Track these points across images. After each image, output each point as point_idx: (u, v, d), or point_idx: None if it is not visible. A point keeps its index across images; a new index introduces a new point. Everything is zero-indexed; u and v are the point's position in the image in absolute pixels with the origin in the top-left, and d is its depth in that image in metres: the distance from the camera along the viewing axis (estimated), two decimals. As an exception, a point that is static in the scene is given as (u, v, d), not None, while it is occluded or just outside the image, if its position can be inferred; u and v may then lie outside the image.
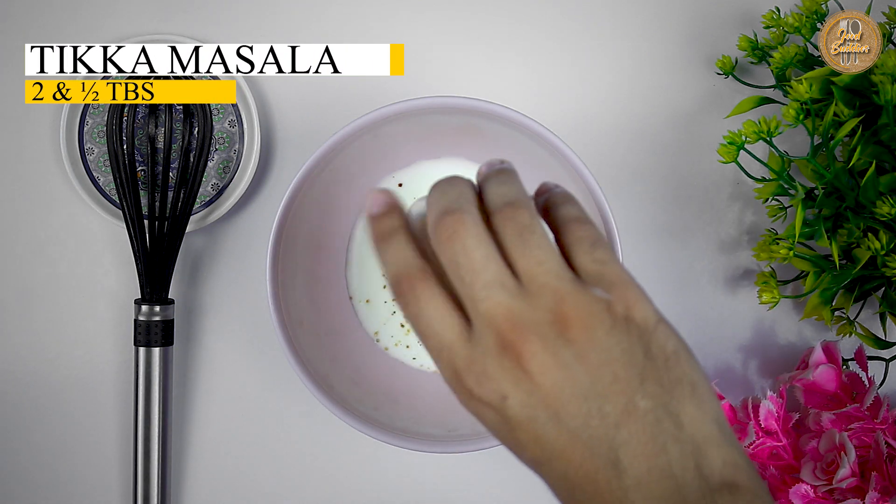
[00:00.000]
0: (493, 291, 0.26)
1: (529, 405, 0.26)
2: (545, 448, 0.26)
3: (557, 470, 0.27)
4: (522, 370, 0.26)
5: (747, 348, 0.54)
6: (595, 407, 0.26)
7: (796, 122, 0.45)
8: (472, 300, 0.27)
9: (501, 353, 0.26)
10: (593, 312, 0.26)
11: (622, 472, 0.25)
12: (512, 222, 0.28)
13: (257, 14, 0.54)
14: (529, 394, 0.26)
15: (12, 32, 0.53)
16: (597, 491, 0.26)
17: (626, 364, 0.26)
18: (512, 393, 0.26)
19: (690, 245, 0.54)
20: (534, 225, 0.27)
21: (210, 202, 0.52)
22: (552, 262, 0.27)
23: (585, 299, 0.26)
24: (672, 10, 0.54)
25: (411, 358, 0.52)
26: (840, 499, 0.44)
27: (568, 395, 0.26)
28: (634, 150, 0.53)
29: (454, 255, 0.27)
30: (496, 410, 0.27)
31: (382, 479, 0.53)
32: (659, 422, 0.26)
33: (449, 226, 0.27)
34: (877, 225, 0.45)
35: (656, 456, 0.25)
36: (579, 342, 0.26)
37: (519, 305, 0.26)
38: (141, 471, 0.50)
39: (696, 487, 0.25)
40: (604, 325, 0.26)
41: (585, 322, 0.26)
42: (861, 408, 0.46)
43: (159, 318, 0.50)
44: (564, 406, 0.26)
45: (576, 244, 0.28)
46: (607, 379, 0.26)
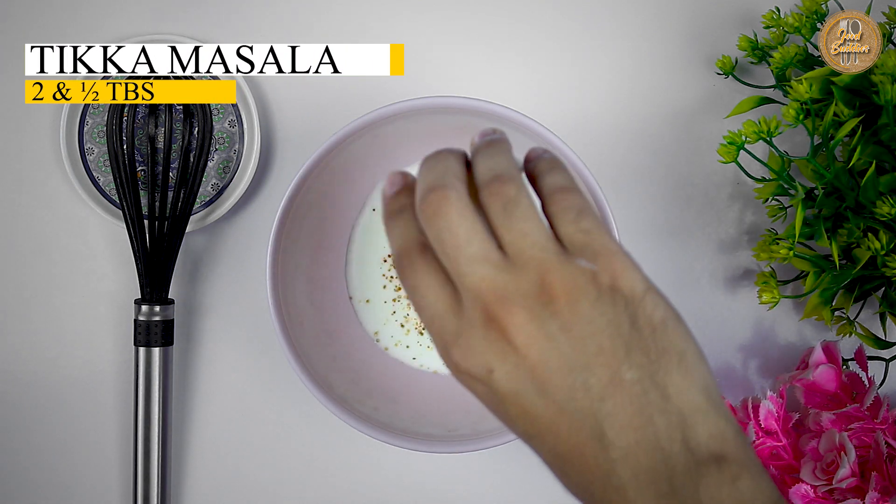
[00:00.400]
0: (477, 266, 0.26)
1: (516, 378, 0.26)
2: (534, 422, 0.26)
3: (547, 444, 0.27)
4: (508, 343, 0.26)
5: (747, 348, 0.54)
6: (580, 379, 0.26)
7: (796, 122, 0.45)
8: (458, 275, 0.27)
9: (487, 326, 0.26)
10: (578, 284, 0.26)
11: (608, 445, 0.25)
12: (498, 196, 0.27)
13: (257, 14, 0.54)
14: (515, 366, 0.26)
15: (12, 32, 0.53)
16: (585, 465, 0.26)
17: (611, 335, 0.26)
18: (498, 366, 0.26)
19: (690, 245, 0.54)
20: (519, 198, 0.27)
21: (210, 202, 0.52)
22: (537, 234, 0.27)
23: (570, 270, 0.26)
24: (672, 10, 0.54)
25: (411, 358, 0.52)
26: (840, 499, 0.44)
27: (554, 368, 0.26)
28: (634, 150, 0.53)
29: (438, 231, 0.27)
30: (484, 384, 0.27)
31: (382, 479, 0.53)
32: (645, 393, 0.25)
33: (433, 202, 0.27)
34: (877, 225, 0.45)
35: (643, 428, 0.25)
36: (564, 314, 0.26)
37: (504, 279, 0.26)
38: (141, 471, 0.50)
39: (683, 460, 0.25)
40: (588, 297, 0.26)
41: (570, 294, 0.26)
42: (861, 408, 0.46)
43: (159, 318, 0.50)
44: (550, 379, 0.26)
45: (560, 214, 0.28)
46: (592, 350, 0.26)
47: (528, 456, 0.49)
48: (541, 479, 0.53)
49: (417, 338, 0.52)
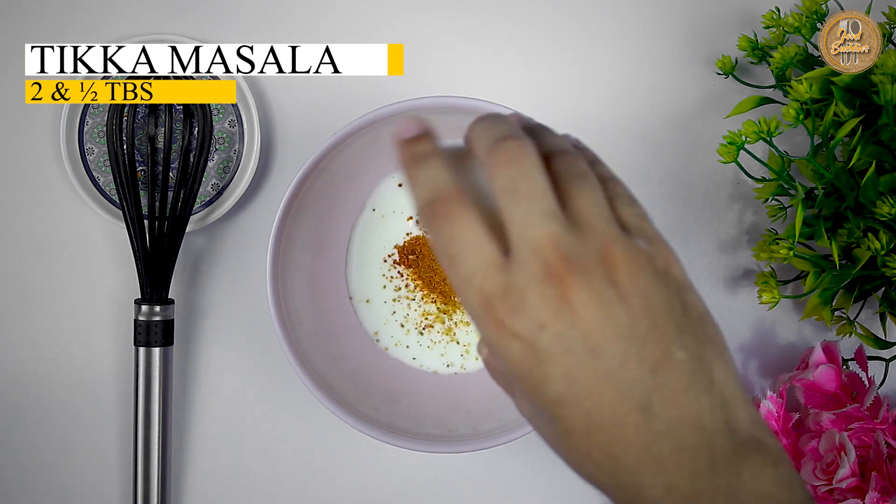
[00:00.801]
0: (548, 220, 0.26)
1: (568, 338, 0.26)
2: (575, 384, 0.26)
3: (583, 408, 0.26)
4: (565, 301, 0.26)
5: (747, 348, 0.54)
6: (634, 350, 0.26)
7: (796, 122, 0.45)
8: (524, 225, 0.26)
9: (545, 282, 0.26)
10: (638, 260, 0.27)
11: (653, 417, 0.26)
12: (572, 165, 0.28)
13: (257, 14, 0.54)
14: (570, 326, 0.26)
15: (12, 32, 0.53)
16: (623, 434, 0.26)
17: (665, 314, 0.26)
18: (551, 323, 0.26)
19: (690, 245, 0.54)
20: (590, 173, 0.28)
21: (210, 202, 0.52)
22: (603, 207, 0.27)
23: (632, 246, 0.27)
24: (672, 10, 0.54)
25: (411, 358, 0.52)
26: (840, 499, 0.44)
27: (609, 335, 0.26)
28: (634, 150, 0.53)
29: (514, 178, 0.27)
30: (526, 341, 0.26)
31: (382, 479, 0.53)
32: (694, 373, 0.26)
33: (511, 149, 0.27)
34: (877, 225, 0.45)
35: (689, 405, 0.26)
36: (624, 284, 0.26)
37: (569, 239, 0.26)
38: (141, 471, 0.50)
39: (725, 440, 0.26)
40: (647, 273, 0.27)
41: (631, 267, 0.26)
42: (861, 408, 0.46)
43: (159, 318, 0.50)
44: (604, 345, 0.26)
45: (617, 199, 0.29)
46: (647, 324, 0.26)
47: (528, 456, 0.48)
48: (541, 479, 0.53)
49: (417, 338, 0.52)
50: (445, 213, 0.27)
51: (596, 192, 0.28)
